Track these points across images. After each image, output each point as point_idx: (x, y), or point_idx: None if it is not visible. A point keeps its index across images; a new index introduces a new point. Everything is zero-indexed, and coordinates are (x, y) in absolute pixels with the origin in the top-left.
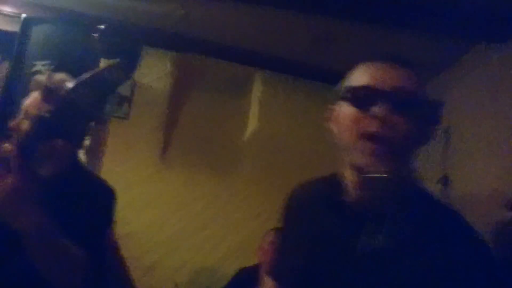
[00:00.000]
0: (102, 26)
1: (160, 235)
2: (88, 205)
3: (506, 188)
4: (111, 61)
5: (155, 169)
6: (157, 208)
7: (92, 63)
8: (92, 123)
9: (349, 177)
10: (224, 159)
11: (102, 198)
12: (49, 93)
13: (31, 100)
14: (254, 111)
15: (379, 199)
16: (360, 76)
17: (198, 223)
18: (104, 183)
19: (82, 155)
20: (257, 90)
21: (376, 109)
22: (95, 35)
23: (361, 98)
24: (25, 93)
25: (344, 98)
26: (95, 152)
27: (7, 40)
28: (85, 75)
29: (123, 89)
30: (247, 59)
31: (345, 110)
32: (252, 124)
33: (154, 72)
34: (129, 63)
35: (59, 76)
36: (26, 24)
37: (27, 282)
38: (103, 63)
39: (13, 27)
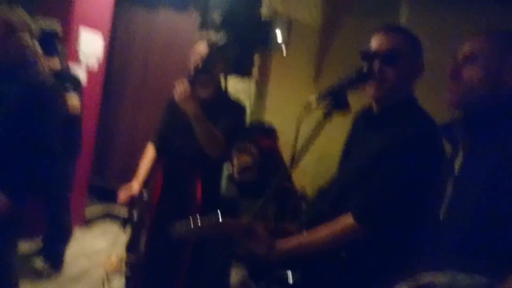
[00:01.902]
0: None
1: (328, 148)
2: (228, 115)
3: None
4: None
5: (310, 91)
6: (312, 122)
7: (252, 16)
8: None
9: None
10: None
11: (238, 112)
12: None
13: (200, 48)
14: None
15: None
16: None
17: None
18: (239, 103)
19: (252, 84)
20: (403, 11)
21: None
22: None
23: (366, 57)
24: None
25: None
26: (262, 81)
27: None
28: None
29: (280, 27)
30: None
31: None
32: None
33: (305, 7)
34: None
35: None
36: None
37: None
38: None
39: None
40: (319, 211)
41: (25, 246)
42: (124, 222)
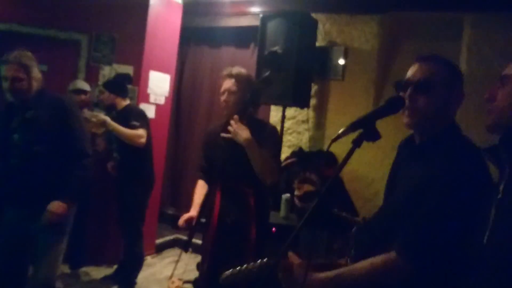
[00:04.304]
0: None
1: (378, 172)
2: (264, 136)
3: None
4: None
5: None
6: (374, 151)
7: (308, 47)
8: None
9: None
10: None
11: (272, 132)
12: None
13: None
14: (463, 55)
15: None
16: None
17: None
18: (270, 124)
19: (311, 111)
20: (466, 33)
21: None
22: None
23: (401, 87)
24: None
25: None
26: (321, 109)
27: (255, 31)
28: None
29: (337, 55)
30: (454, 3)
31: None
32: (461, 69)
33: (362, 35)
34: None
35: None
36: (263, 20)
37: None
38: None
39: (256, 22)
40: (367, 244)
41: (104, 272)
42: (185, 245)
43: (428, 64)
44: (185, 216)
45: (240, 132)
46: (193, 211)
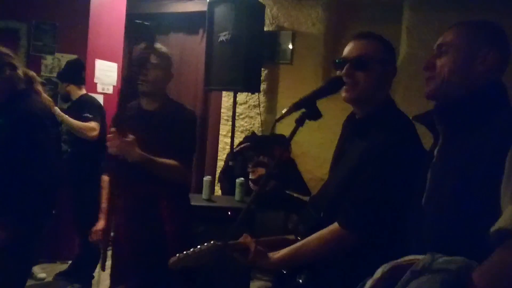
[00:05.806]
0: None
1: (329, 152)
2: (180, 126)
3: None
4: None
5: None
6: (325, 132)
7: (257, 32)
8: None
9: None
10: None
11: (190, 119)
12: None
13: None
14: (403, 37)
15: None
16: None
17: None
18: (190, 109)
19: (262, 96)
20: (405, 16)
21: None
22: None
23: (339, 64)
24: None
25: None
26: (271, 93)
27: (204, 17)
28: None
29: (286, 39)
30: None
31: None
32: (403, 50)
33: (309, 19)
34: None
35: None
36: (211, 6)
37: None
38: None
39: (204, 8)
40: (314, 218)
41: (58, 268)
42: (102, 261)
43: (362, 41)
44: (95, 229)
45: (127, 151)
46: (101, 220)
